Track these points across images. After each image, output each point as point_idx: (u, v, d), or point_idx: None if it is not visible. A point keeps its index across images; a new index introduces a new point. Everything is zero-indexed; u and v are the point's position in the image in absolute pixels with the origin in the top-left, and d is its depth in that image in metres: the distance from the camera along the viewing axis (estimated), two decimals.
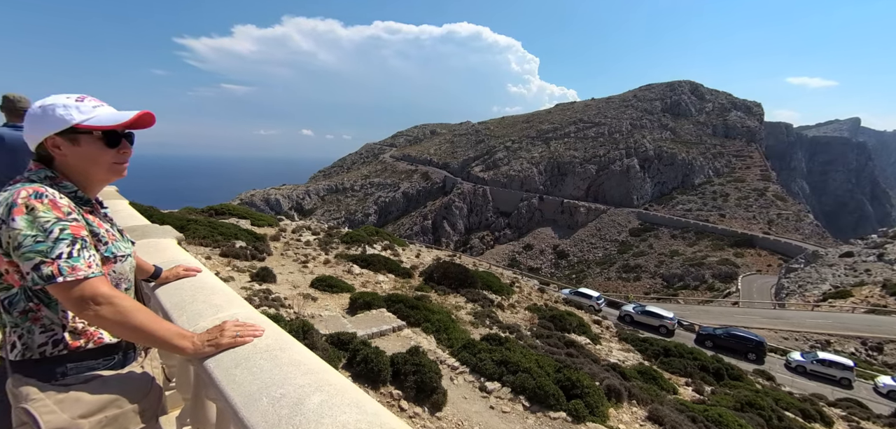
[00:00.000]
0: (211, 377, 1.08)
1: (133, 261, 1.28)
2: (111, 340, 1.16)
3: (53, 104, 1.10)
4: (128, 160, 1.21)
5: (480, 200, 73.48)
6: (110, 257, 1.15)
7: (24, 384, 1.02)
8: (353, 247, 21.41)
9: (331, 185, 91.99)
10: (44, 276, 0.98)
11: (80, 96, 1.13)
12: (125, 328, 1.06)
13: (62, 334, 1.09)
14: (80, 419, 1.01)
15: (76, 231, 1.05)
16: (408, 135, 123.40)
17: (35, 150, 1.14)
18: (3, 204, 1.02)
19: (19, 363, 1.06)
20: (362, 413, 0.86)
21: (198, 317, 1.29)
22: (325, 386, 0.97)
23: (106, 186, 1.23)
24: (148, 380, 1.19)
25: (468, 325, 11.14)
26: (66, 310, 1.09)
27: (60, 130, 1.10)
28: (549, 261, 59.19)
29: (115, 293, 1.05)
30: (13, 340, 1.06)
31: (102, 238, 1.14)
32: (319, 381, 0.99)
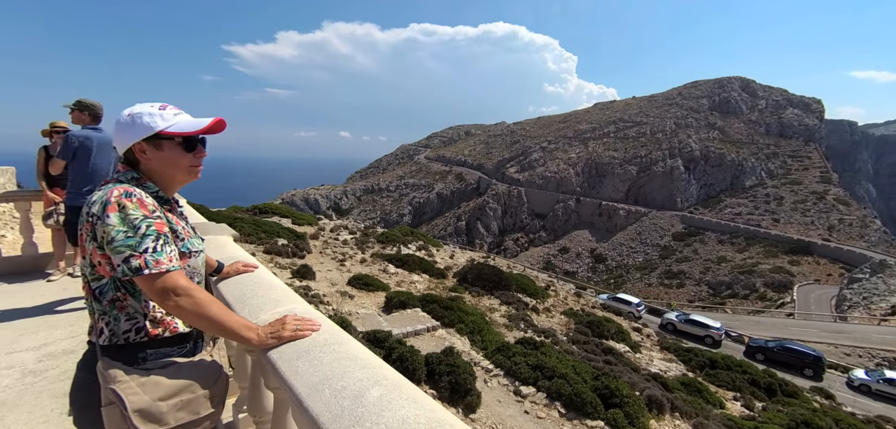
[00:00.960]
0: (275, 368, 1.14)
1: (204, 256, 1.38)
2: (185, 329, 1.26)
3: (141, 113, 1.21)
4: (202, 163, 1.30)
5: (515, 201, 72.64)
6: (186, 253, 1.24)
7: (111, 367, 1.11)
8: (388, 246, 21.77)
9: (367, 185, 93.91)
10: (132, 268, 1.08)
11: (162, 105, 1.23)
12: (200, 318, 1.14)
13: (144, 322, 1.18)
14: (159, 401, 1.10)
15: (160, 228, 1.14)
16: (442, 136, 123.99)
17: (123, 154, 1.24)
18: (98, 202, 1.12)
19: (106, 348, 1.16)
20: (420, 409, 0.88)
21: (259, 310, 1.36)
22: (382, 380, 0.99)
23: (183, 186, 1.33)
24: (217, 368, 1.27)
25: (502, 327, 11.05)
26: (148, 300, 1.18)
27: (146, 136, 1.20)
28: (586, 265, 57.63)
29: (192, 286, 1.14)
30: (101, 326, 1.17)
31: (179, 234, 1.24)
32: (377, 375, 1.02)
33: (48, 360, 3.03)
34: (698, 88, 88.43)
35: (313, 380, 1.02)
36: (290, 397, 1.03)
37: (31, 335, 3.43)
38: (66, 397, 2.57)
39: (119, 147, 1.24)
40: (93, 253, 1.14)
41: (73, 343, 3.29)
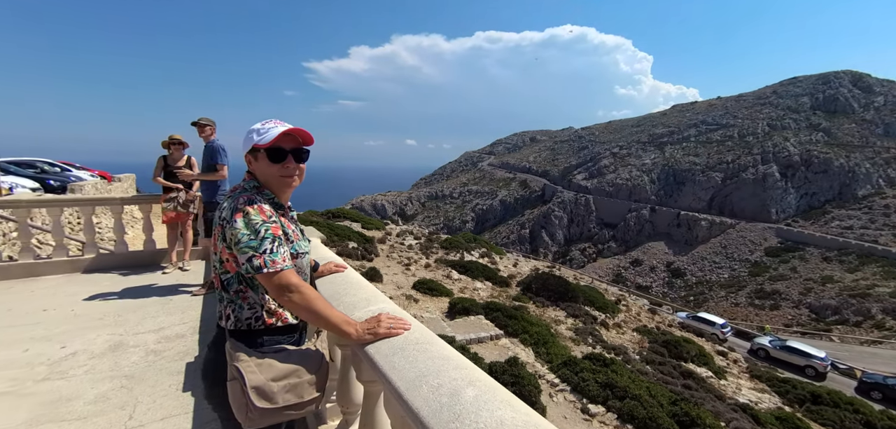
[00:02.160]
0: (372, 361, 1.23)
1: (310, 257, 1.54)
2: (293, 321, 1.41)
3: (251, 129, 1.39)
4: (295, 174, 1.42)
5: (582, 209, 69.79)
6: (295, 254, 1.38)
7: (236, 348, 1.29)
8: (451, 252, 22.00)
9: (431, 192, 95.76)
10: (254, 266, 1.24)
11: (267, 121, 1.40)
12: (308, 312, 1.28)
13: (261, 312, 1.34)
14: (271, 381, 1.24)
15: (275, 231, 1.29)
16: (507, 142, 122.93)
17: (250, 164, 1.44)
18: (228, 208, 1.30)
19: (231, 332, 1.34)
20: (516, 412, 0.90)
21: (352, 308, 1.47)
22: (476, 381, 1.02)
23: (288, 193, 1.47)
24: (320, 356, 1.40)
25: (568, 341, 10.66)
26: (264, 293, 1.34)
27: (248, 149, 1.39)
28: (661, 279, 53.57)
29: (302, 283, 1.28)
30: (228, 313, 1.35)
31: (290, 237, 1.38)
32: (470, 376, 1.05)
33: (165, 342, 3.51)
34: (798, 85, 78.67)
35: (410, 375, 1.08)
36: (389, 390, 1.10)
37: (151, 320, 3.99)
38: (181, 374, 2.96)
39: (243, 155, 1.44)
40: (222, 251, 1.32)
41: (184, 329, 3.78)
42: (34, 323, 3.90)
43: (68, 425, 2.42)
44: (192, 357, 3.23)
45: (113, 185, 17.94)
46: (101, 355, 3.28)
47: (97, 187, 15.55)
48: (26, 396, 2.72)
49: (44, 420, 2.47)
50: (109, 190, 16.58)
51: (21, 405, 2.61)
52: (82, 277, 5.36)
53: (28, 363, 3.14)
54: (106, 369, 3.06)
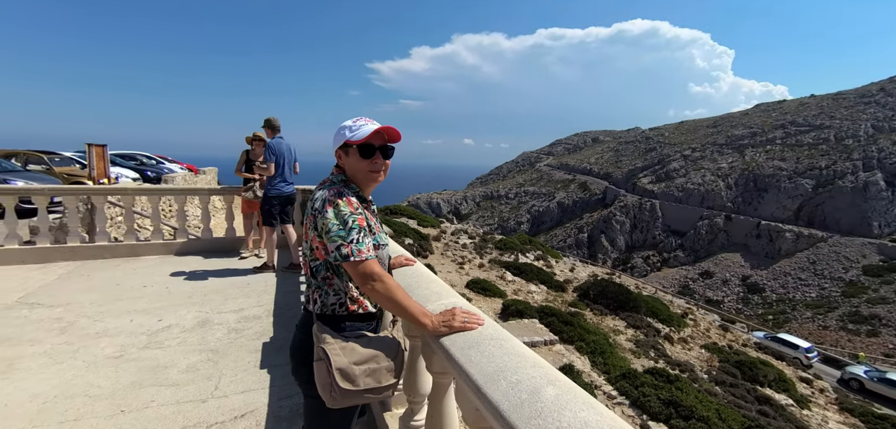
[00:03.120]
0: (448, 353, 1.27)
1: (389, 250, 1.62)
2: (372, 309, 1.50)
3: (342, 126, 1.49)
4: (381, 169, 1.52)
5: (647, 215, 65.91)
6: (377, 245, 1.46)
7: (323, 331, 1.38)
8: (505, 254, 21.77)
9: (486, 191, 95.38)
10: (342, 255, 1.33)
11: (357, 119, 1.49)
12: (388, 301, 1.35)
13: (345, 298, 1.44)
14: (353, 364, 1.33)
15: (361, 223, 1.38)
16: (567, 143, 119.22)
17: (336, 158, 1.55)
18: (319, 199, 1.40)
19: (318, 315, 1.45)
20: (599, 415, 0.89)
21: (425, 301, 1.52)
22: (555, 381, 1.02)
23: (372, 188, 1.56)
24: (397, 345, 1.47)
25: (628, 352, 10.17)
26: (348, 281, 1.44)
27: (339, 145, 1.48)
28: (736, 294, 49.14)
29: (384, 273, 1.36)
30: (315, 297, 1.46)
31: (372, 229, 1.46)
32: (549, 375, 1.05)
33: (244, 322, 3.85)
34: None
35: (488, 370, 1.10)
36: (465, 382, 1.12)
37: (232, 301, 4.39)
38: (258, 353, 3.22)
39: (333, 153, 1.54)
40: (312, 240, 1.43)
41: (261, 311, 4.12)
42: (136, 297, 4.46)
43: (165, 390, 2.74)
44: (268, 337, 3.52)
45: (199, 177, 19.86)
46: (190, 329, 3.67)
47: (186, 179, 17.30)
48: (131, 361, 3.12)
49: (145, 384, 2.82)
50: (196, 182, 18.38)
51: (128, 369, 3.01)
52: (174, 259, 6.02)
53: (132, 332, 3.60)
54: (195, 342, 3.43)
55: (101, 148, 9.29)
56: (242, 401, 2.62)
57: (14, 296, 4.38)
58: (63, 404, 2.57)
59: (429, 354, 1.51)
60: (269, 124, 5.59)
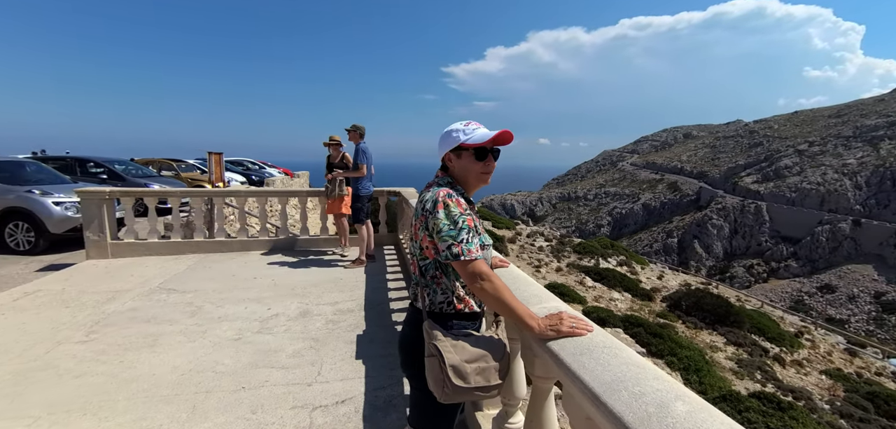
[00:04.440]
0: (557, 358, 1.25)
1: (491, 250, 1.64)
2: (477, 309, 1.53)
3: (452, 129, 1.53)
4: (491, 171, 1.57)
5: (751, 218, 58.72)
6: (482, 245, 1.48)
7: (434, 328, 1.44)
8: (585, 258, 20.82)
9: (563, 193, 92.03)
10: (453, 254, 1.37)
11: (468, 122, 1.53)
12: (496, 301, 1.37)
13: (452, 297, 1.48)
14: (465, 362, 1.37)
15: (470, 223, 1.42)
16: (653, 140, 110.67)
17: (441, 161, 1.59)
18: (430, 200, 1.45)
19: (427, 313, 1.50)
20: None
21: (526, 304, 1.51)
22: (684, 396, 0.96)
23: (477, 190, 1.60)
24: (503, 345, 1.49)
25: (728, 372, 9.18)
26: (455, 281, 1.48)
27: (452, 147, 1.52)
28: (866, 313, 41.68)
29: (492, 273, 1.39)
30: (423, 295, 1.51)
31: (478, 230, 1.49)
32: (676, 390, 0.99)
33: (340, 314, 4.18)
34: None
35: (605, 379, 1.07)
36: (578, 390, 1.10)
37: (327, 294, 4.78)
38: (353, 344, 3.46)
39: (440, 155, 1.58)
40: (422, 239, 1.49)
41: (353, 305, 4.43)
42: (249, 287, 5.05)
43: (276, 372, 3.08)
44: (361, 330, 3.78)
45: (293, 180, 21.84)
46: (294, 318, 4.07)
47: (283, 182, 19.13)
48: (248, 343, 3.55)
49: (260, 365, 3.18)
50: (291, 184, 20.24)
51: (245, 350, 3.42)
52: (277, 254, 6.71)
53: (247, 318, 4.09)
54: (299, 330, 3.80)
55: (218, 156, 10.65)
56: (342, 388, 2.85)
57: (156, 282, 5.21)
58: (196, 377, 3.01)
59: (530, 357, 1.51)
60: (357, 130, 5.98)
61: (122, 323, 3.94)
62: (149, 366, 3.15)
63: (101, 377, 2.99)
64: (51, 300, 4.54)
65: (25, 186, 7.70)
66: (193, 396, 2.77)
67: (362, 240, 6.13)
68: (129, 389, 2.84)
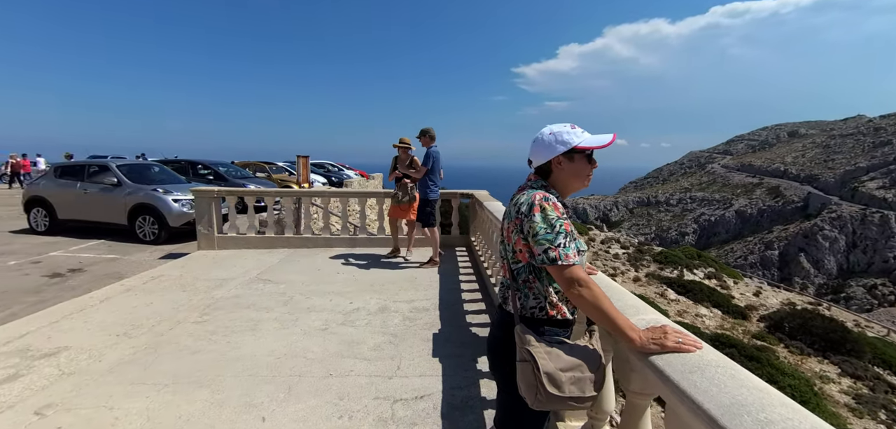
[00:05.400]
0: (663, 374, 1.18)
1: (586, 256, 1.58)
2: (570, 316, 1.49)
3: (561, 131, 1.50)
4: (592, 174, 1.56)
5: (874, 230, 50.35)
6: (578, 250, 1.43)
7: (527, 333, 1.41)
8: (667, 268, 19.37)
9: (642, 197, 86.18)
10: (549, 258, 1.35)
11: (571, 125, 1.52)
12: (594, 309, 1.31)
13: (544, 303, 1.46)
14: (559, 371, 1.34)
15: (567, 227, 1.39)
16: (751, 139, 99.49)
17: (540, 164, 1.54)
18: (525, 203, 1.44)
19: (521, 317, 1.48)
20: None
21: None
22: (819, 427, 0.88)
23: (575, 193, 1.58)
24: (599, 356, 1.43)
25: (842, 408, 8.00)
26: (549, 285, 1.46)
27: (565, 150, 1.48)
28: None
29: (590, 280, 1.35)
30: (515, 299, 1.50)
31: (574, 235, 1.44)
32: (810, 420, 0.90)
33: (416, 312, 4.32)
34: None
35: (723, 401, 0.99)
36: (693, 412, 1.04)
37: (404, 292, 4.97)
38: (430, 342, 3.56)
39: (538, 159, 1.54)
40: (516, 242, 1.47)
41: (428, 304, 4.57)
42: (332, 281, 5.41)
43: (359, 362, 3.27)
44: (437, 329, 3.88)
45: (369, 181, 22.97)
46: (374, 313, 4.30)
47: (360, 183, 20.21)
48: (333, 334, 3.81)
49: (345, 355, 3.41)
50: (367, 186, 21.30)
51: (331, 340, 3.68)
52: (356, 251, 7.11)
53: (332, 310, 4.39)
54: (378, 325, 4.00)
55: (305, 159, 11.56)
56: (420, 384, 2.95)
57: (254, 272, 5.79)
58: (290, 361, 3.30)
59: (626, 371, 1.45)
60: (427, 133, 6.07)
61: (228, 308, 4.44)
62: (251, 348, 3.52)
63: (212, 355, 3.40)
64: (171, 284, 5.26)
65: (151, 185, 8.99)
66: (288, 378, 3.04)
67: (435, 241, 6.25)
68: (235, 367, 3.20)
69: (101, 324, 3.98)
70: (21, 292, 5.44)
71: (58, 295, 5.28)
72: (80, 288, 5.55)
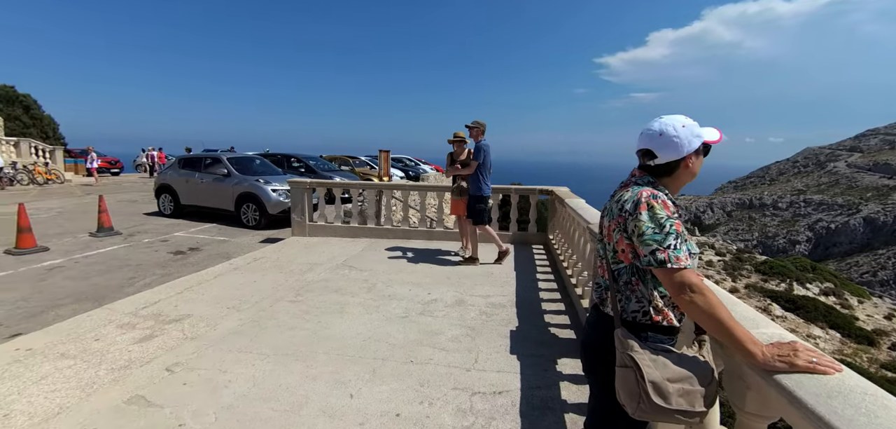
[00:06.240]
0: (793, 396, 1.06)
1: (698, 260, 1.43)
2: (677, 323, 1.37)
3: (684, 126, 1.37)
4: None
5: None
6: (690, 253, 1.30)
7: (629, 338, 1.32)
8: (772, 280, 17.24)
9: (743, 198, 77.06)
10: (657, 260, 1.24)
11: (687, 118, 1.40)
12: (709, 318, 1.18)
13: (648, 307, 1.36)
14: (666, 380, 1.23)
15: (678, 227, 1.28)
16: (888, 133, 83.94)
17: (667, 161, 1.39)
18: (630, 201, 1.35)
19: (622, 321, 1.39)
20: None
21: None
22: None
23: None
24: (711, 371, 1.30)
25: None
26: (654, 289, 1.36)
27: (697, 147, 1.38)
28: None
29: (705, 285, 1.23)
30: (615, 301, 1.41)
31: (685, 236, 1.31)
32: None
33: (492, 308, 4.31)
34: None
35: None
36: None
37: (479, 287, 4.98)
38: (507, 338, 3.52)
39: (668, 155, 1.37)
40: (618, 242, 1.38)
41: (505, 300, 4.53)
42: (411, 271, 5.60)
43: (438, 352, 3.34)
44: (514, 326, 3.84)
45: (443, 175, 23.38)
46: (451, 305, 4.36)
47: (436, 177, 20.64)
48: (413, 322, 3.94)
49: (424, 343, 3.50)
50: (443, 180, 21.71)
51: (411, 328, 3.81)
52: (433, 244, 7.27)
53: (411, 299, 4.54)
54: (456, 317, 4.06)
55: (386, 153, 12.08)
56: (498, 379, 2.94)
57: (340, 259, 6.20)
58: (374, 345, 3.47)
59: (740, 388, 1.30)
60: (478, 126, 5.81)
61: (318, 290, 4.80)
62: (339, 329, 3.77)
63: (306, 332, 3.70)
64: (270, 266, 5.82)
65: (255, 176, 10.03)
66: (373, 360, 3.20)
67: (493, 237, 6.00)
68: (325, 345, 3.45)
69: (215, 297, 4.53)
70: (153, 265, 6.39)
71: (180, 270, 6.12)
72: (198, 264, 6.38)
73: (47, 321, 4.13)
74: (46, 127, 27.79)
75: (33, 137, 22.00)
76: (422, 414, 2.55)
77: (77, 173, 22.72)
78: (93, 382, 2.85)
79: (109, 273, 5.93)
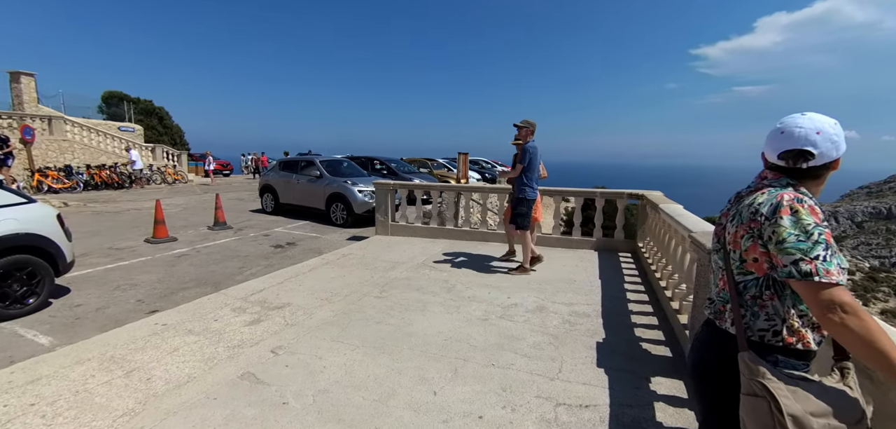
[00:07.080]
0: None
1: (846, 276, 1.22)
2: (813, 346, 1.19)
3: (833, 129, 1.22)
4: None
5: None
6: (841, 268, 1.12)
7: (759, 363, 1.16)
8: None
9: (879, 207, 65.11)
10: (801, 272, 1.08)
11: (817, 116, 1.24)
12: (864, 345, 1.01)
13: (781, 326, 1.19)
14: (809, 415, 1.06)
15: (829, 238, 1.12)
16: None
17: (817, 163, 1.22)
18: (767, 204, 1.19)
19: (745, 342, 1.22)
20: None
21: None
22: None
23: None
24: (860, 409, 1.12)
25: None
26: (791, 307, 1.19)
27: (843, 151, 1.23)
28: None
29: (860, 307, 1.06)
30: (738, 318, 1.24)
31: (835, 249, 1.14)
32: None
33: (576, 317, 4.13)
34: None
35: None
36: None
37: (562, 294, 4.80)
38: (593, 350, 3.34)
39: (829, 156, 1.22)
40: (749, 250, 1.22)
41: (589, 309, 4.31)
42: (489, 274, 5.57)
43: (519, 358, 3.28)
44: (600, 338, 3.63)
45: None
46: (532, 311, 4.26)
47: None
48: (493, 325, 3.92)
49: (505, 348, 3.46)
50: None
51: (491, 331, 3.78)
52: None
53: (491, 302, 4.51)
54: (537, 323, 3.95)
55: (465, 156, 12.22)
56: (584, 392, 2.80)
57: (420, 259, 6.38)
58: (455, 345, 3.51)
59: None
60: (527, 126, 5.50)
61: (401, 288, 4.99)
62: (421, 326, 3.87)
63: (391, 327, 3.85)
64: (357, 262, 6.18)
65: (343, 178, 10.74)
66: (454, 360, 3.24)
67: (526, 246, 5.65)
68: (409, 341, 3.57)
69: (311, 289, 4.92)
70: (257, 257, 7.13)
71: (280, 262, 6.75)
72: (295, 258, 6.99)
73: (177, 301, 4.81)
74: (175, 135, 32.62)
75: (165, 144, 25.84)
76: (505, 420, 2.51)
77: (197, 174, 26.36)
78: (213, 357, 3.26)
79: (224, 262, 6.74)
